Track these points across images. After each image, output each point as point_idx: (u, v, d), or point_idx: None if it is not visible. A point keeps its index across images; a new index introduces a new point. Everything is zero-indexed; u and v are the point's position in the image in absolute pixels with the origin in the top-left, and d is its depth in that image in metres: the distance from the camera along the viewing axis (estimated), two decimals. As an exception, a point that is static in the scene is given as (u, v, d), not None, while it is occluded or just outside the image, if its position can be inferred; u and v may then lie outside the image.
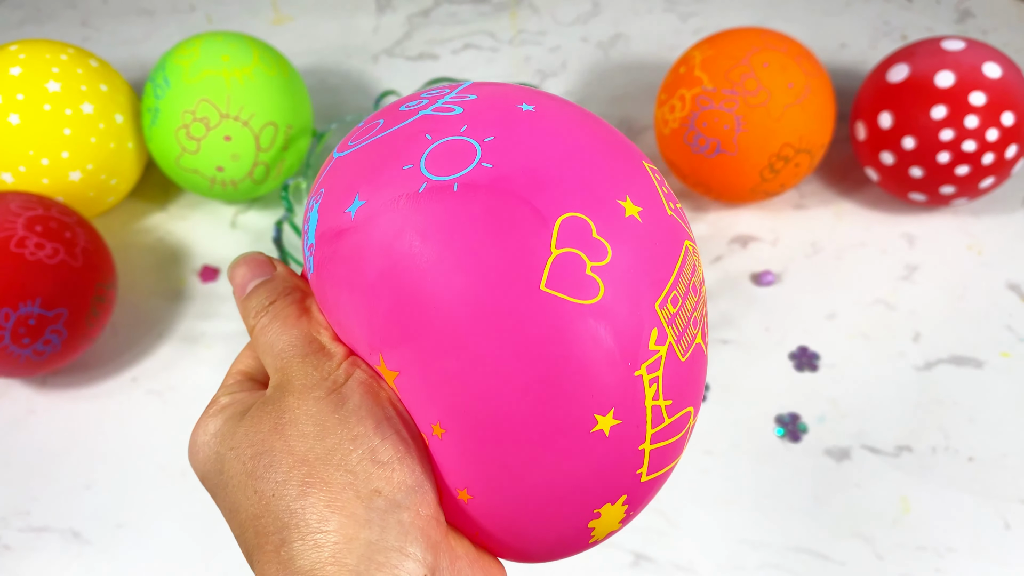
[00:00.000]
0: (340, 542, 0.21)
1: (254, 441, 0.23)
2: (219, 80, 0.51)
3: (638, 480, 0.22)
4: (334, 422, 0.22)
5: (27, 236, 0.45)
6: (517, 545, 0.23)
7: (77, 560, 0.46)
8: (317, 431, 0.22)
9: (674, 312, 0.22)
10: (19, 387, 0.52)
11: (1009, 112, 0.49)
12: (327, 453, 0.22)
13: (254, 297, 0.25)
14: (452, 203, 0.20)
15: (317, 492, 0.21)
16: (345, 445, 0.22)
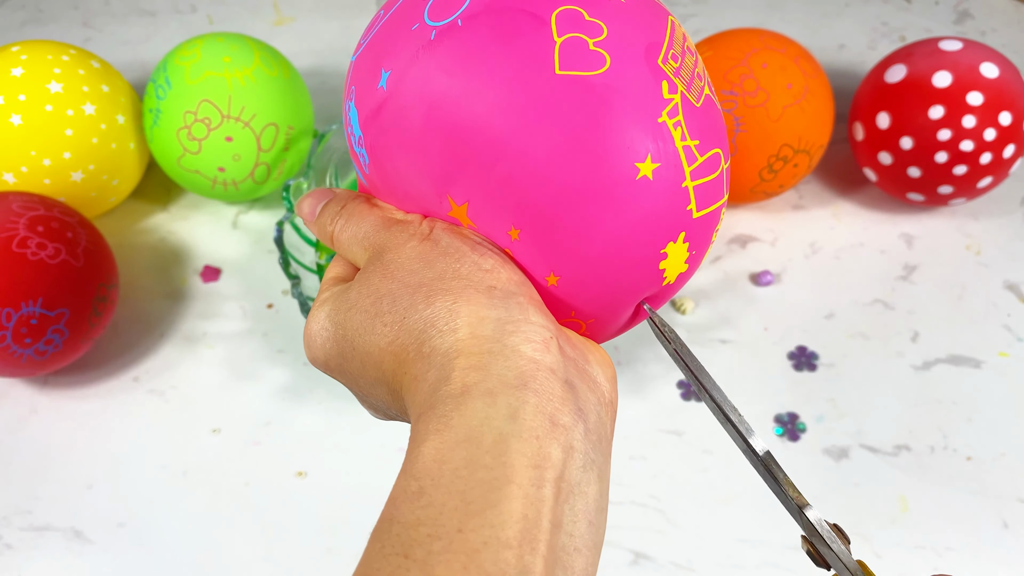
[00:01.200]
0: (473, 322, 0.24)
1: (369, 292, 0.26)
2: (220, 81, 0.51)
3: (690, 216, 0.25)
4: (435, 255, 0.25)
5: (29, 236, 0.46)
6: (605, 311, 0.26)
7: (79, 559, 0.46)
8: (422, 265, 0.25)
9: (676, 66, 0.25)
10: (21, 387, 0.52)
11: (1006, 112, 0.50)
12: (439, 275, 0.25)
13: (325, 212, 0.29)
14: (461, 36, 0.24)
15: (442, 298, 0.24)
16: (452, 265, 0.25)
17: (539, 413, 0.23)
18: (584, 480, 0.23)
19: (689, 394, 0.51)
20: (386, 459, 0.49)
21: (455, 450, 0.22)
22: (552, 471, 0.22)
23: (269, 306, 0.55)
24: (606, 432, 0.25)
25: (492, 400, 0.23)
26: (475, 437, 0.22)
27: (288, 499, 0.48)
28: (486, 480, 0.22)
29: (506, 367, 0.23)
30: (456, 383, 0.23)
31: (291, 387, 0.52)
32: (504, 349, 0.24)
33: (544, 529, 0.22)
